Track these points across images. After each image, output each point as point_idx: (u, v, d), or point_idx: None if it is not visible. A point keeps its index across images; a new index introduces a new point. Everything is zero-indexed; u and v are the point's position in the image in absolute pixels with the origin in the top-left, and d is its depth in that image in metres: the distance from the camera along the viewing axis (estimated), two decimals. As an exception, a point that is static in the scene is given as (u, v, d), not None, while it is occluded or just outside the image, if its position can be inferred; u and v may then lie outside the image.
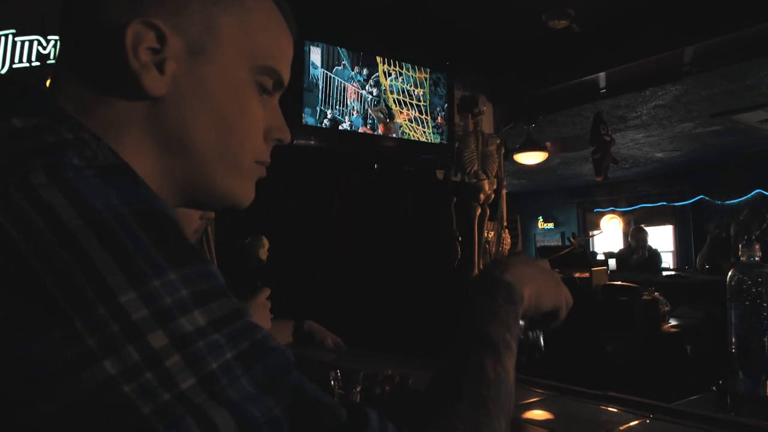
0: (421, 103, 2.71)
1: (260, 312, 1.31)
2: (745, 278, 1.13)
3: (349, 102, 2.48)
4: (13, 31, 2.16)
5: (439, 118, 2.84)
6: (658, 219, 9.35)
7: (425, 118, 2.71)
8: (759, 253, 1.14)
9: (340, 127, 2.71)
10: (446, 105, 2.85)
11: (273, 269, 2.76)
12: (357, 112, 2.49)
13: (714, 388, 1.20)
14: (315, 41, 2.61)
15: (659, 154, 7.32)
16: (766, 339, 1.10)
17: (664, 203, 9.17)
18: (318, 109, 2.39)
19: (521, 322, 0.80)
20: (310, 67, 2.36)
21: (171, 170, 0.53)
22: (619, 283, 2.91)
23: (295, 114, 2.77)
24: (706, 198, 8.46)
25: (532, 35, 3.24)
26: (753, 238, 1.13)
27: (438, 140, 2.76)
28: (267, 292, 1.37)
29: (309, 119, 2.37)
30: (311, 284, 2.88)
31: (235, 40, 0.54)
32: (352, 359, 1.44)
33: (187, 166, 0.54)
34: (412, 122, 2.66)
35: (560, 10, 2.87)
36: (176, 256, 0.40)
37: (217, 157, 0.54)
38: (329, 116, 2.45)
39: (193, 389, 0.36)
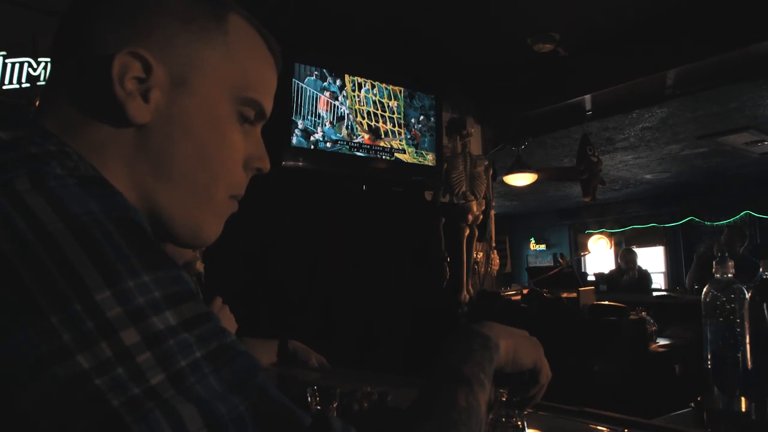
0: (395, 116, 2.70)
1: (223, 316, 1.33)
2: (720, 295, 1.15)
3: (321, 112, 2.41)
4: (4, 53, 2.19)
5: (413, 129, 2.84)
6: (648, 240, 9.40)
7: (399, 130, 2.71)
8: (732, 270, 1.16)
9: (313, 137, 2.73)
10: (421, 117, 2.87)
11: (268, 293, 2.77)
12: (330, 123, 2.43)
13: (692, 405, 1.21)
14: (311, 65, 2.66)
15: (648, 176, 7.39)
16: (740, 355, 1.11)
17: (655, 224, 9.23)
18: (311, 118, 2.36)
19: (503, 399, 0.81)
20: (307, 88, 2.35)
21: (146, 198, 0.55)
22: (606, 302, 2.92)
23: (285, 137, 2.80)
24: (696, 219, 8.52)
25: (519, 58, 3.29)
26: (726, 255, 1.15)
27: (412, 150, 2.75)
28: (219, 300, 1.39)
29: (308, 125, 2.32)
30: (305, 303, 2.88)
31: (218, 72, 0.57)
32: (335, 378, 1.45)
33: (163, 196, 0.56)
34: (390, 136, 2.72)
35: (545, 34, 2.93)
36: (150, 260, 0.42)
37: (192, 187, 0.57)
38: (300, 126, 2.37)
39: (163, 385, 0.37)
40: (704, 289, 1.18)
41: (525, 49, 3.05)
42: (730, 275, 1.16)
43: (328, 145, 2.90)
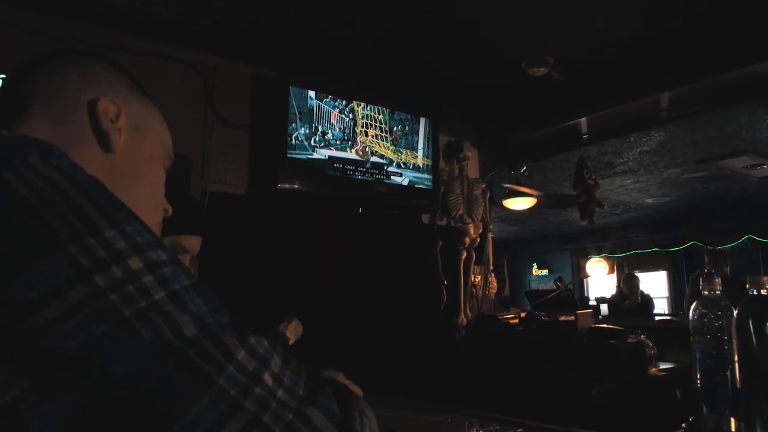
0: (382, 125, 3.28)
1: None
2: (707, 312, 1.14)
3: (332, 121, 3.07)
4: (2, 76, 2.21)
5: (394, 134, 3.32)
6: (651, 265, 9.34)
7: (385, 135, 3.27)
8: (719, 287, 1.15)
9: (309, 157, 2.96)
10: (399, 127, 3.35)
11: (262, 313, 2.76)
12: (338, 128, 3.09)
13: (683, 426, 1.19)
14: (305, 88, 2.98)
15: (649, 200, 7.38)
16: (728, 373, 1.10)
17: (657, 249, 9.19)
18: (313, 125, 2.99)
19: None
20: (308, 98, 2.99)
21: None
22: (604, 326, 2.89)
23: (280, 159, 2.82)
24: (698, 243, 8.48)
25: (514, 82, 3.32)
26: (713, 271, 1.14)
27: (392, 149, 3.28)
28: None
29: (307, 131, 2.96)
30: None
31: (156, 130, 0.78)
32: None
33: None
34: (375, 138, 3.23)
35: (539, 58, 2.96)
36: (138, 218, 0.53)
37: (146, 210, 0.72)
38: (320, 130, 3.01)
39: (164, 300, 0.47)
40: (692, 307, 1.17)
41: (520, 72, 3.08)
42: (717, 292, 1.15)
43: (326, 166, 2.96)
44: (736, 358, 1.10)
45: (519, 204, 4.73)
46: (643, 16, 2.66)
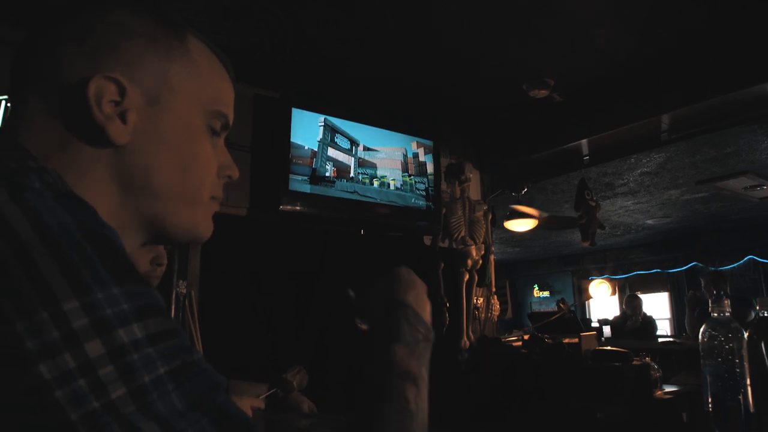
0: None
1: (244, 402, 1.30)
2: (717, 334, 1.12)
3: (322, 156, 3.01)
4: (4, 96, 2.22)
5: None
6: (653, 286, 9.31)
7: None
8: (729, 309, 1.13)
9: (309, 179, 2.83)
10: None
11: (261, 335, 2.73)
12: (335, 169, 3.04)
13: (695, 451, 1.16)
14: (306, 110, 2.98)
15: (650, 221, 7.38)
16: (741, 397, 1.08)
17: (659, 270, 9.16)
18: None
19: None
20: None
21: (136, 209, 0.57)
22: (608, 348, 2.86)
23: (282, 181, 2.82)
24: (700, 264, 8.46)
25: (515, 104, 3.33)
26: (722, 293, 1.13)
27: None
28: (261, 403, 1.40)
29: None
30: (297, 344, 2.84)
31: (187, 88, 0.60)
32: (326, 424, 1.41)
33: (152, 206, 0.57)
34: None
35: (540, 80, 2.97)
36: (120, 273, 0.42)
37: (178, 196, 0.59)
38: (299, 170, 2.93)
39: (123, 399, 0.37)
40: (701, 329, 1.15)
41: (521, 94, 3.10)
42: (727, 314, 1.13)
43: (329, 186, 2.95)
44: (748, 381, 1.08)
45: (520, 226, 4.73)
46: (643, 39, 2.68)
